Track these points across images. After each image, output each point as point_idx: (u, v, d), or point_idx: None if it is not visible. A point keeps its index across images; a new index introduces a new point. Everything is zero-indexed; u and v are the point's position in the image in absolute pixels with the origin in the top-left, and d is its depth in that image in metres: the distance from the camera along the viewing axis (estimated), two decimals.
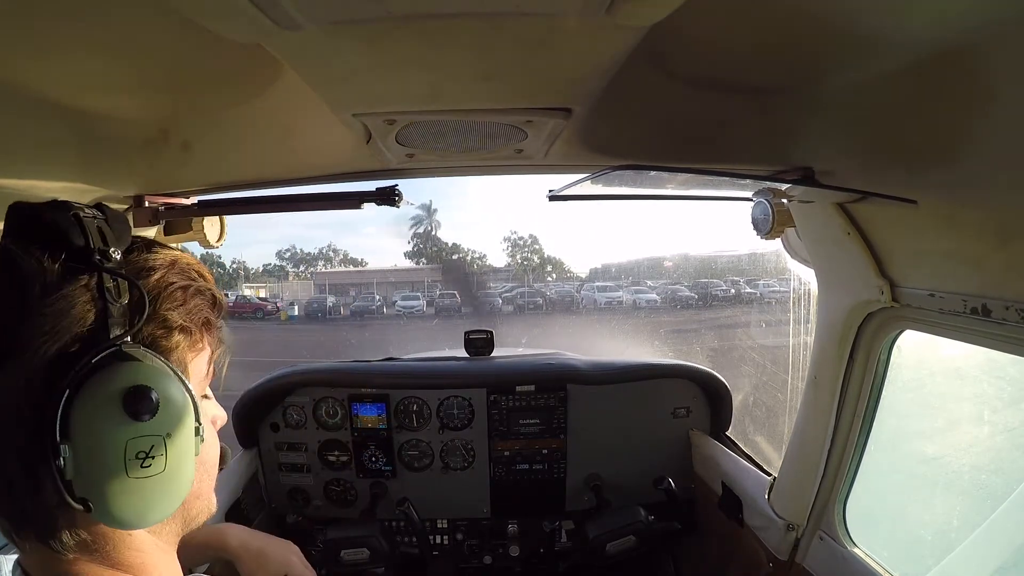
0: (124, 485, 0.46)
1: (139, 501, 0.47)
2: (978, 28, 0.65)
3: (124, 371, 0.46)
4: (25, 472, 0.44)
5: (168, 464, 0.48)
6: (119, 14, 0.63)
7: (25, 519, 0.47)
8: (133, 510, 0.47)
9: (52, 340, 0.44)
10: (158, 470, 0.47)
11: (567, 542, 2.01)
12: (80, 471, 0.44)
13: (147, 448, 0.46)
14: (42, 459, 0.44)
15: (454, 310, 25.09)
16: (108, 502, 0.45)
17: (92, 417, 0.44)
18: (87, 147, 0.94)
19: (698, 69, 0.88)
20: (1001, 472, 1.47)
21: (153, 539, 0.53)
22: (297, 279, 37.22)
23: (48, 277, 0.45)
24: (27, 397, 0.43)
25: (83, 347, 0.45)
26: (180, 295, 0.53)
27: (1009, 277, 0.79)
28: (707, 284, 22.92)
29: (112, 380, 0.45)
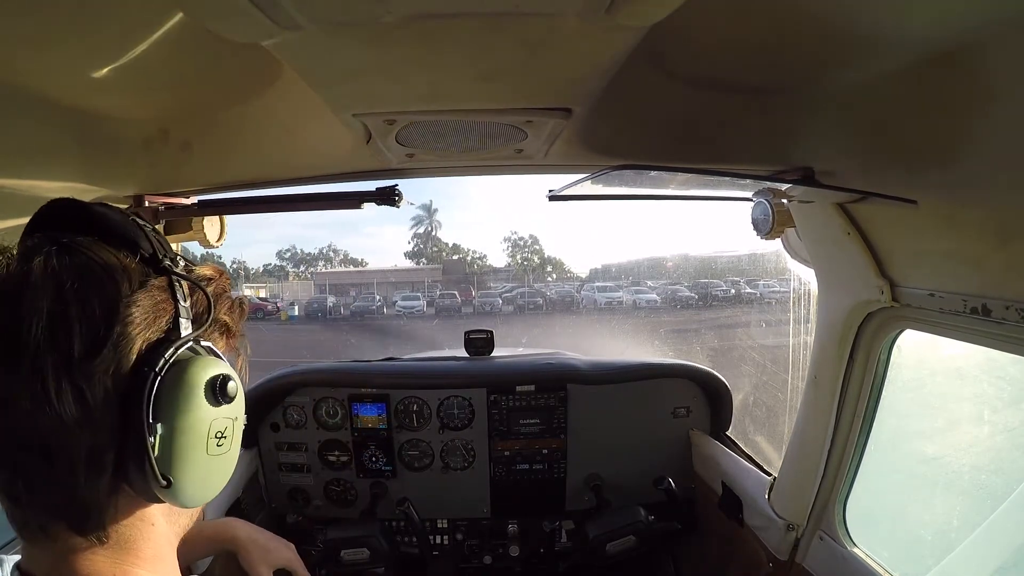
0: (201, 463, 0.51)
1: (208, 478, 0.52)
2: (978, 28, 0.65)
3: (205, 362, 0.51)
4: (89, 456, 0.46)
5: (232, 446, 0.54)
6: (119, 14, 0.63)
7: (68, 506, 0.47)
8: (202, 486, 0.52)
9: (140, 332, 0.48)
10: (226, 450, 0.53)
11: (567, 542, 2.01)
12: (166, 450, 0.48)
13: (223, 429, 0.52)
14: (127, 441, 0.47)
15: (454, 310, 25.10)
16: (185, 478, 0.49)
17: (182, 400, 0.49)
18: (87, 147, 0.94)
19: (698, 69, 0.88)
20: (1001, 472, 1.47)
21: (167, 531, 0.55)
22: (297, 279, 37.25)
23: (132, 275, 0.49)
24: (115, 384, 0.46)
25: (165, 339, 0.49)
26: (228, 303, 0.59)
27: (1009, 277, 0.79)
28: (707, 284, 22.92)
29: (196, 369, 0.50)
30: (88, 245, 0.48)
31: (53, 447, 0.45)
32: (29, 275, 0.45)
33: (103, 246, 0.49)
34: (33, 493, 0.47)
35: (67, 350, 0.44)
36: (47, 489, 0.47)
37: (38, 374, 0.43)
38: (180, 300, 0.51)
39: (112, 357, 0.46)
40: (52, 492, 0.47)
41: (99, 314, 0.46)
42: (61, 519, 0.48)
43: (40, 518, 0.48)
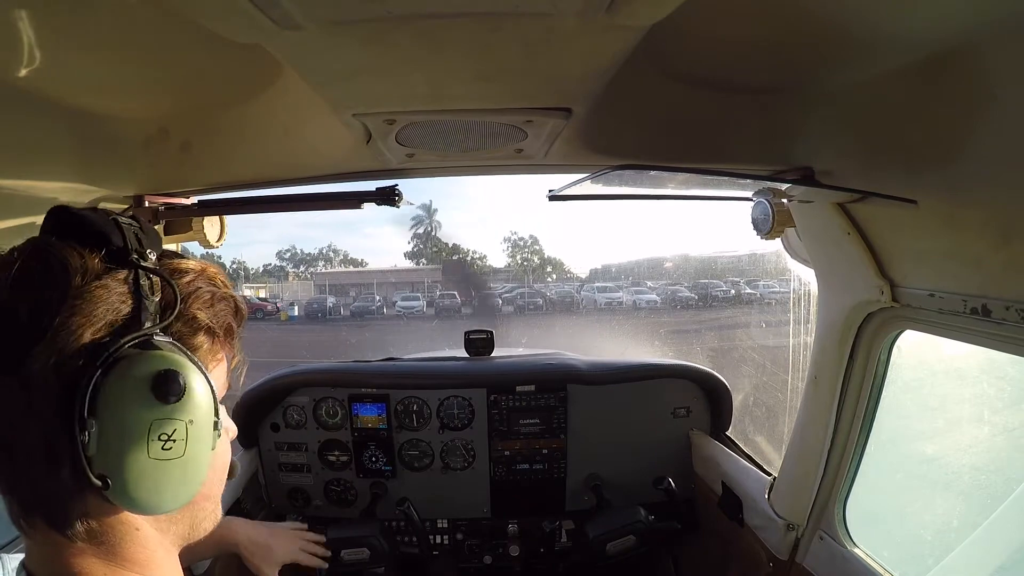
0: (144, 465, 0.48)
1: (156, 483, 0.49)
2: (978, 28, 0.65)
3: (154, 357, 0.49)
4: (46, 449, 0.46)
5: (187, 450, 0.50)
6: (119, 14, 0.63)
7: (37, 501, 0.47)
8: (148, 492, 0.48)
9: (88, 323, 0.47)
10: (177, 454, 0.49)
11: (567, 542, 2.01)
12: (103, 448, 0.46)
13: (170, 431, 0.49)
14: (66, 435, 0.45)
15: (454, 310, 25.10)
16: (126, 480, 0.47)
17: (120, 396, 0.47)
18: (87, 147, 0.94)
19: (698, 69, 0.88)
20: (1001, 472, 1.47)
21: (159, 537, 0.54)
22: (297, 279, 37.24)
23: (88, 269, 0.48)
24: (58, 374, 0.45)
25: (116, 334, 0.48)
26: (208, 298, 0.56)
27: (1009, 277, 0.79)
28: (707, 285, 22.90)
29: (142, 364, 0.48)
30: (55, 244, 0.48)
31: (8, 438, 0.46)
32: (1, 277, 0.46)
33: (72, 245, 0.49)
34: (5, 484, 0.48)
35: (11, 339, 0.45)
36: (12, 479, 0.47)
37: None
38: (144, 295, 0.50)
39: (52, 348, 0.45)
40: (19, 485, 0.47)
41: (45, 305, 0.46)
42: (35, 513, 0.48)
43: (19, 511, 0.48)
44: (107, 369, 0.46)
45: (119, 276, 0.49)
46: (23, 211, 1.01)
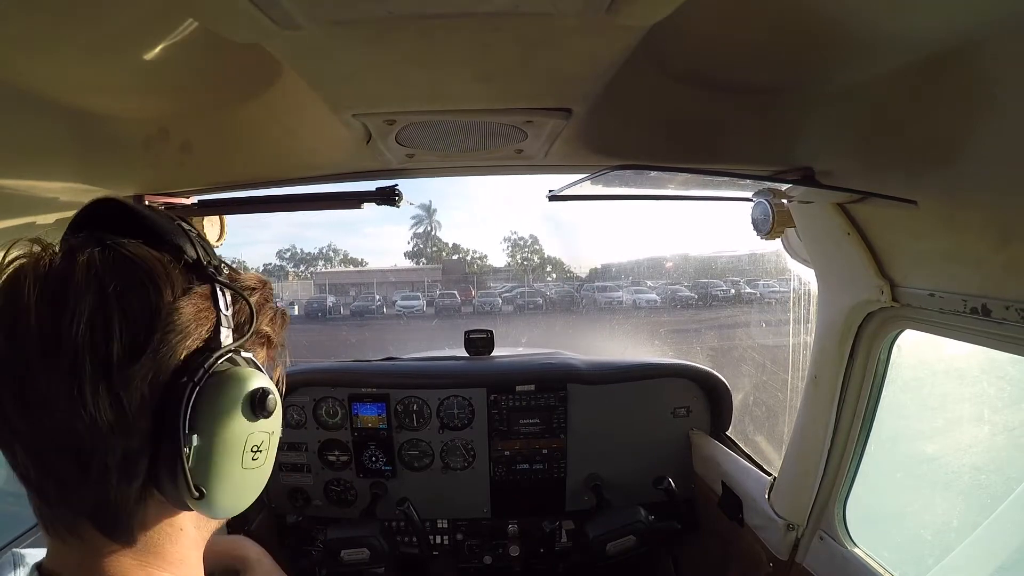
0: (236, 476, 0.50)
1: (241, 492, 0.51)
2: (978, 28, 0.65)
3: (245, 374, 0.50)
4: (125, 462, 0.46)
5: (267, 460, 0.53)
6: (119, 14, 0.63)
7: (96, 509, 0.47)
8: (234, 499, 0.51)
9: (183, 340, 0.47)
10: (260, 464, 0.52)
11: (567, 542, 2.01)
12: (200, 461, 0.47)
13: (259, 443, 0.52)
14: (152, 449, 0.46)
15: (454, 310, 25.10)
16: (219, 490, 0.48)
17: (220, 412, 0.48)
18: (87, 147, 0.94)
19: (698, 69, 0.88)
20: (1001, 472, 1.47)
21: (195, 537, 0.55)
22: (297, 279, 37.21)
23: (175, 282, 0.48)
24: (154, 391, 0.46)
25: (208, 350, 0.49)
26: (272, 314, 0.58)
27: (1009, 277, 0.79)
28: (707, 284, 22.88)
29: (238, 381, 0.49)
30: (133, 248, 0.47)
31: (86, 450, 0.44)
32: (72, 274, 0.44)
33: (147, 249, 0.48)
34: (64, 494, 0.46)
35: (106, 355, 0.43)
36: (78, 491, 0.46)
37: (76, 376, 0.42)
38: (223, 309, 0.51)
39: (151, 365, 0.45)
40: (83, 494, 0.46)
41: (140, 320, 0.45)
42: (89, 521, 0.47)
43: (68, 518, 0.47)
44: (203, 385, 0.47)
45: (199, 290, 0.49)
46: (23, 211, 1.01)
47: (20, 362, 0.43)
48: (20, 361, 0.43)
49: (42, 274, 0.44)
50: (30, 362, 0.43)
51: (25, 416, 0.43)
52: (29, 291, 0.43)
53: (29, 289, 0.43)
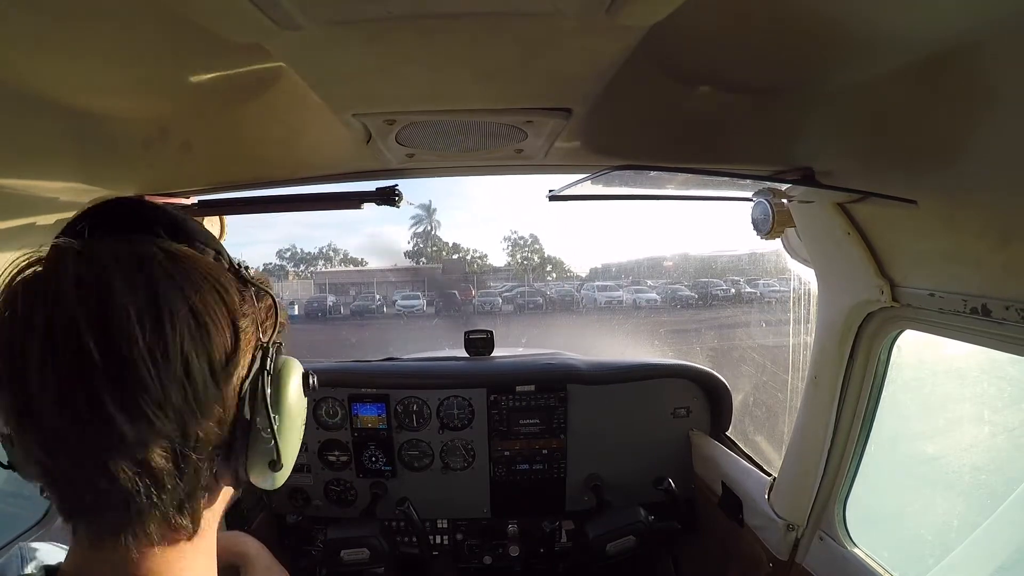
0: (295, 446, 0.58)
1: (293, 460, 0.57)
2: (978, 28, 0.65)
3: (293, 362, 0.57)
4: (216, 452, 0.49)
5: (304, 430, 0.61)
6: (119, 14, 0.63)
7: (180, 505, 0.48)
8: (290, 467, 0.57)
9: (252, 335, 0.52)
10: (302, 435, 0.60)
11: (567, 542, 2.01)
12: (279, 436, 0.53)
13: (305, 417, 0.61)
14: (247, 432, 0.51)
15: (454, 310, 25.10)
16: (287, 460, 0.55)
17: (291, 394, 0.56)
18: (87, 147, 0.94)
19: (698, 69, 0.88)
20: (1001, 472, 1.47)
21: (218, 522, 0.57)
22: (297, 278, 37.18)
23: (233, 285, 0.52)
24: (241, 382, 0.51)
25: (266, 344, 0.54)
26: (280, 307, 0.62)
27: (1009, 277, 0.79)
28: (707, 284, 22.87)
29: (294, 367, 0.57)
30: (189, 254, 0.49)
31: (189, 448, 0.46)
32: (157, 282, 0.45)
33: (204, 256, 0.50)
34: (159, 496, 0.46)
35: (209, 359, 0.47)
36: (169, 491, 0.46)
37: (190, 380, 0.45)
38: (258, 306, 0.55)
39: (242, 361, 0.50)
40: (173, 493, 0.47)
41: (225, 323, 0.49)
42: (165, 520, 0.48)
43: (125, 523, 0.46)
44: (275, 374, 0.54)
45: (248, 292, 0.53)
46: (23, 211, 1.01)
47: (129, 370, 0.43)
48: (129, 369, 0.42)
49: (130, 282, 0.44)
50: (137, 368, 0.43)
51: (136, 421, 0.43)
52: (121, 298, 0.43)
53: (120, 296, 0.43)
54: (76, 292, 0.42)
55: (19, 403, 0.43)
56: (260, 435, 0.51)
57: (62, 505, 0.47)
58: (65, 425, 0.42)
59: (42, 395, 0.41)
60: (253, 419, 0.51)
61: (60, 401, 0.42)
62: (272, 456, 0.52)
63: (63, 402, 0.42)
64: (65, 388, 0.41)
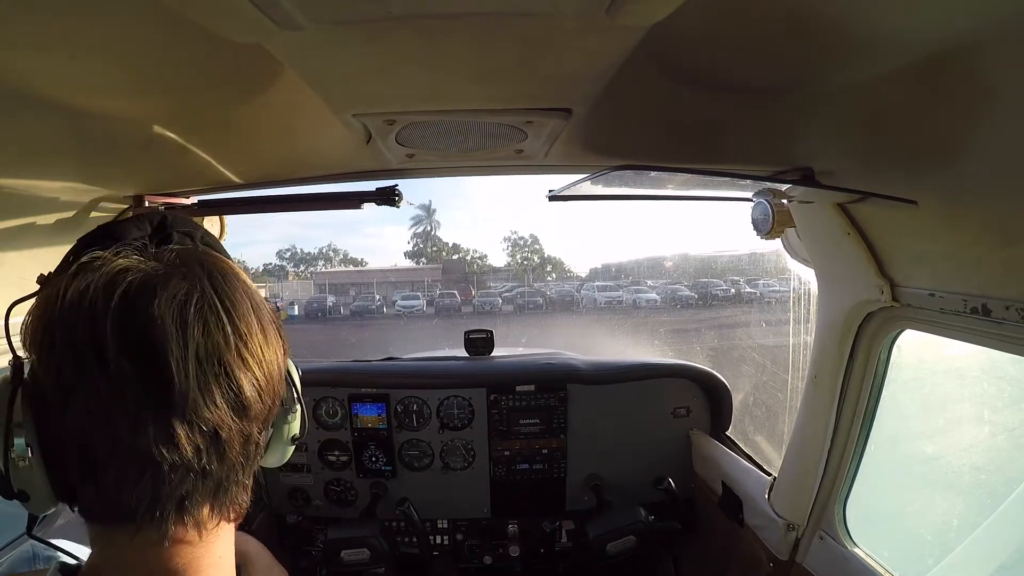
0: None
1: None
2: (978, 28, 0.65)
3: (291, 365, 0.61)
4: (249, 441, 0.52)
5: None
6: (119, 14, 0.63)
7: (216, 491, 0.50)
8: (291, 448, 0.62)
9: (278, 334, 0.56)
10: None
11: (567, 542, 2.01)
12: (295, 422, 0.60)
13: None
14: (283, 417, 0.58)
15: (454, 310, 25.11)
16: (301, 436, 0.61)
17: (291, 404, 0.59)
18: (87, 147, 0.94)
19: (698, 69, 0.88)
20: (1001, 472, 1.47)
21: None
22: (297, 279, 37.22)
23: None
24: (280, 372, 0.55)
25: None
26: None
27: (1009, 277, 0.79)
28: (707, 284, 22.89)
29: (295, 368, 0.61)
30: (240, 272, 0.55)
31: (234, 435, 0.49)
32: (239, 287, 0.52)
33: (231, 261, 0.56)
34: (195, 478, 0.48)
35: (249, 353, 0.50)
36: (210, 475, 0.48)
37: (278, 387, 0.54)
38: None
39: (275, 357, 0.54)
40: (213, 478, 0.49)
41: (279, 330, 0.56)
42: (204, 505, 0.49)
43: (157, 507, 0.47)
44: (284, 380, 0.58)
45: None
46: (23, 211, 1.01)
47: (247, 342, 0.49)
48: (247, 341, 0.49)
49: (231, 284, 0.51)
50: (254, 341, 0.50)
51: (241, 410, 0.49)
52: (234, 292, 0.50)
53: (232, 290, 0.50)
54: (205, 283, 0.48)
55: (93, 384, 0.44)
56: (286, 415, 0.58)
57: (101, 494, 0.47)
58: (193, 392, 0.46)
59: (181, 368, 0.46)
60: (287, 402, 0.58)
61: (195, 373, 0.46)
62: (294, 432, 0.59)
63: (200, 374, 0.46)
64: (200, 362, 0.46)
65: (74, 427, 0.45)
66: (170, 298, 0.46)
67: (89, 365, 0.43)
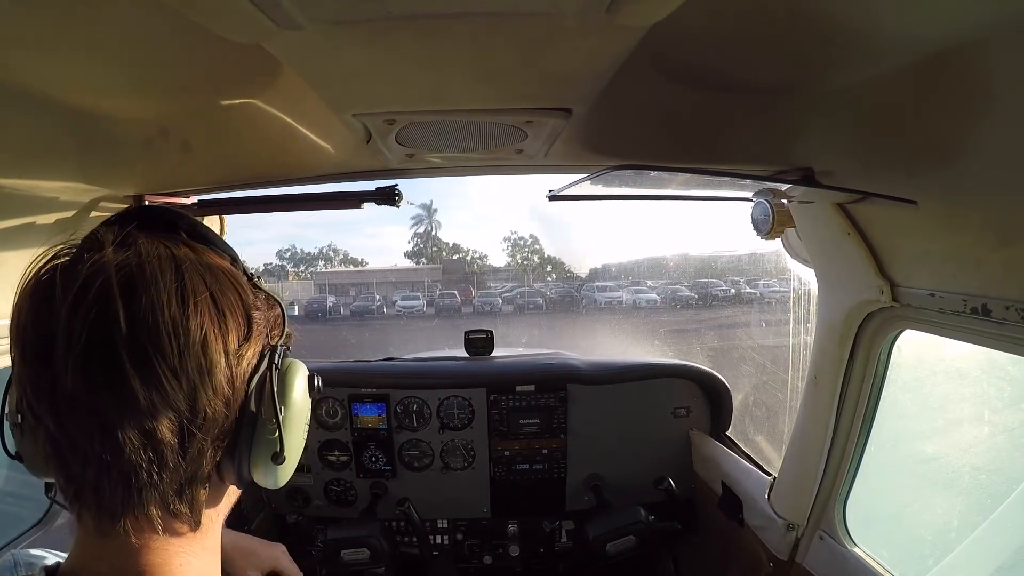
0: (298, 446, 0.57)
1: (295, 460, 0.57)
2: (978, 28, 0.65)
3: (298, 363, 0.58)
4: (220, 438, 0.50)
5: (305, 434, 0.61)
6: (119, 14, 0.63)
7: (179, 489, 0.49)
8: (292, 467, 0.56)
9: (264, 331, 0.54)
10: (305, 436, 0.60)
11: (567, 542, 2.01)
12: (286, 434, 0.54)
13: (308, 419, 0.60)
14: (252, 423, 0.52)
15: (454, 310, 25.11)
16: (291, 458, 0.55)
17: (297, 393, 0.56)
18: (87, 147, 0.94)
19: (698, 69, 0.88)
20: (1001, 472, 1.47)
21: (220, 523, 0.57)
22: (297, 279, 37.21)
23: (247, 285, 0.55)
24: (251, 375, 0.52)
25: (274, 344, 0.55)
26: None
27: (1009, 277, 0.79)
28: (707, 284, 22.87)
29: (300, 368, 0.57)
30: (212, 254, 0.52)
31: (196, 428, 0.47)
32: (178, 269, 0.48)
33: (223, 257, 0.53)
34: (151, 476, 0.46)
35: (225, 347, 0.49)
36: (172, 472, 0.47)
37: (209, 363, 0.47)
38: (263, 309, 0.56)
39: (253, 355, 0.52)
40: (175, 475, 0.48)
41: (240, 313, 0.51)
42: (163, 505, 0.48)
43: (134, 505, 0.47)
44: (283, 371, 0.55)
45: (251, 289, 0.55)
46: (23, 211, 1.01)
47: (152, 336, 0.45)
48: (152, 335, 0.45)
49: (161, 267, 0.47)
50: (160, 335, 0.45)
51: (151, 386, 0.45)
52: (153, 276, 0.46)
53: (152, 274, 0.46)
54: (113, 268, 0.45)
55: (39, 371, 0.44)
56: (266, 426, 0.52)
57: (68, 485, 0.47)
58: (80, 388, 0.43)
59: (65, 358, 0.43)
60: (259, 411, 0.52)
61: (80, 364, 0.43)
62: (276, 448, 0.53)
63: (83, 364, 0.43)
64: (87, 351, 0.43)
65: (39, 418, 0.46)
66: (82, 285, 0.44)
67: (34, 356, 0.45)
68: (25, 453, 0.49)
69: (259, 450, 0.53)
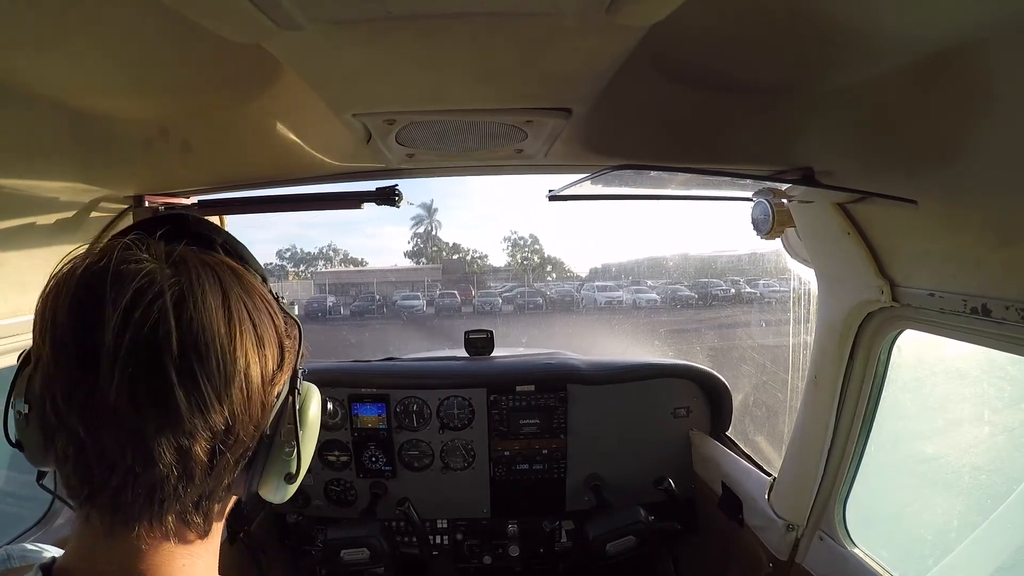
0: (306, 464, 0.57)
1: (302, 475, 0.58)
2: (978, 28, 0.65)
3: (313, 387, 0.59)
4: (244, 455, 0.51)
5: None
6: (119, 14, 0.63)
7: (199, 500, 0.49)
8: (299, 484, 0.57)
9: (294, 355, 0.55)
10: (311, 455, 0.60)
11: (567, 542, 2.01)
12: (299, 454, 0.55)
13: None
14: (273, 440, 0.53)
15: (454, 310, 25.10)
16: (300, 475, 0.56)
17: (312, 414, 0.58)
18: (87, 147, 0.94)
19: (698, 69, 0.88)
20: (1001, 472, 1.47)
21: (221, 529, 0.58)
22: (297, 279, 37.20)
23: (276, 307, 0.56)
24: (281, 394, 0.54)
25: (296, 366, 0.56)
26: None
27: (1009, 277, 0.79)
28: (707, 284, 22.85)
29: (315, 391, 0.59)
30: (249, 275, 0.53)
31: (225, 444, 0.48)
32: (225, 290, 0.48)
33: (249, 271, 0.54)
34: (186, 488, 0.47)
35: (263, 368, 0.50)
36: (198, 483, 0.48)
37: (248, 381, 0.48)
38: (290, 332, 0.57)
39: (284, 378, 0.54)
40: (200, 486, 0.48)
41: (275, 341, 0.53)
42: (182, 514, 0.49)
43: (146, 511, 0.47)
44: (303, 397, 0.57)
45: (280, 313, 0.55)
46: (23, 211, 1.01)
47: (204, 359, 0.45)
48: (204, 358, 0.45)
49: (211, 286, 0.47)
50: (211, 359, 0.46)
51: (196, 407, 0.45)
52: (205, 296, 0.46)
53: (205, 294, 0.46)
54: (166, 285, 0.45)
55: (76, 376, 0.43)
56: (283, 448, 0.54)
57: (83, 486, 0.46)
58: (123, 401, 0.43)
59: (111, 369, 0.43)
60: (279, 432, 0.54)
61: (127, 377, 0.43)
62: (290, 469, 0.55)
63: (130, 378, 0.43)
64: (136, 365, 0.43)
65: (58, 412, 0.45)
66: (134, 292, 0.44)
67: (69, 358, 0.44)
68: (27, 443, 0.49)
69: (274, 468, 0.54)
